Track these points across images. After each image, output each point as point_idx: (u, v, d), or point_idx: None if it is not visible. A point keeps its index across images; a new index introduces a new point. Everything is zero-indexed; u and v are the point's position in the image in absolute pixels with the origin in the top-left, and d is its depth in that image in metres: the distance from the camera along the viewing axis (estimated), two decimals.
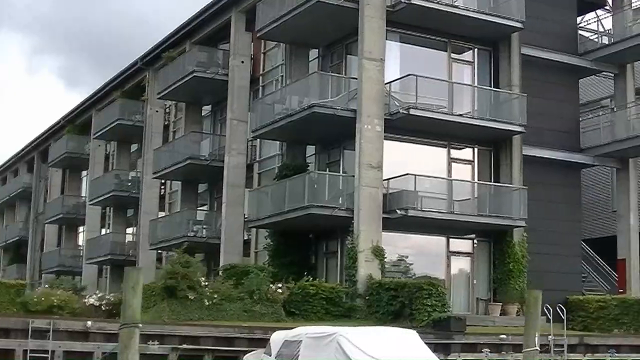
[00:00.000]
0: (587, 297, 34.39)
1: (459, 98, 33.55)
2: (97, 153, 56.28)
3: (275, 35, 35.73)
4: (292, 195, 32.17)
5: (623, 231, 36.56)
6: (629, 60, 36.62)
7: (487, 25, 33.38)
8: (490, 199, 33.14)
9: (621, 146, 35.45)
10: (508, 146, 33.75)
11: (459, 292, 33.25)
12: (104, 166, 55.98)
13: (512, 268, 32.86)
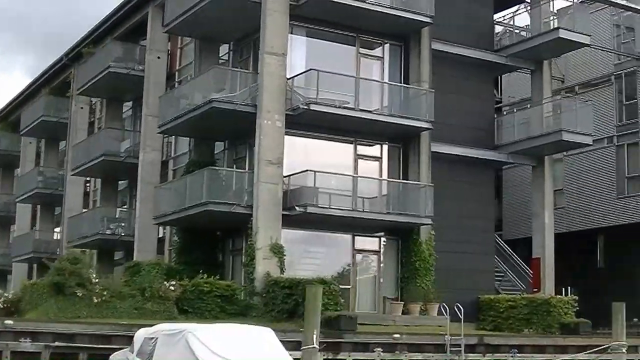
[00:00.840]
0: (497, 296, 34.37)
1: (368, 94, 33.40)
2: (28, 150, 56.05)
3: (184, 29, 35.64)
4: (193, 191, 32.02)
5: (538, 230, 36.58)
6: (546, 56, 36.63)
7: (397, 20, 33.29)
8: (397, 197, 33.06)
9: (535, 143, 35.41)
10: (417, 143, 33.65)
11: (365, 291, 33.12)
12: (35, 163, 55.65)
13: (419, 267, 32.80)
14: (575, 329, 32.32)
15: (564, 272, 45.46)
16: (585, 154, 45.44)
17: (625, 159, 44.29)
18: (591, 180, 45.31)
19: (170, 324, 21.16)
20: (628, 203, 43.78)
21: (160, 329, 19.79)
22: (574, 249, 46.12)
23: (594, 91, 45.88)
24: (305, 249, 32.82)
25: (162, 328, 19.91)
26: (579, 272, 45.91)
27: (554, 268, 44.06)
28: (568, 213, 46.05)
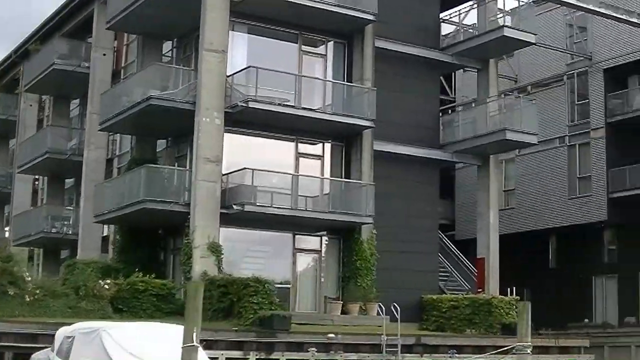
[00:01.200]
0: (440, 296, 34.40)
1: (310, 92, 33.36)
2: None
3: (126, 26, 35.58)
4: (131, 190, 31.89)
5: (483, 230, 36.65)
6: (492, 55, 36.69)
7: (340, 18, 33.25)
8: (339, 195, 32.98)
9: (480, 142, 35.48)
10: (359, 141, 33.62)
11: (305, 290, 33.05)
12: None
13: (360, 266, 32.75)
14: (515, 329, 32.20)
15: (517, 272, 45.75)
16: (538, 154, 45.71)
17: (577, 159, 44.55)
18: (543, 181, 45.56)
19: (88, 322, 21.04)
20: (579, 203, 43.97)
21: (77, 328, 19.67)
22: (526, 249, 46.46)
23: (547, 91, 46.19)
24: (246, 247, 32.74)
25: (79, 327, 19.78)
26: (531, 273, 46.21)
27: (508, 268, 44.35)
28: (520, 213, 46.29)
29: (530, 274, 46.72)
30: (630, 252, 43.46)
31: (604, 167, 43.08)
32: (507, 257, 46.02)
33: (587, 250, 45.05)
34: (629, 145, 43.04)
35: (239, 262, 32.10)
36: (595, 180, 43.41)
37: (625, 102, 43.14)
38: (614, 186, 42.84)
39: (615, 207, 42.90)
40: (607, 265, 44.59)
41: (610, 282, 44.40)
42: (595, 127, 43.67)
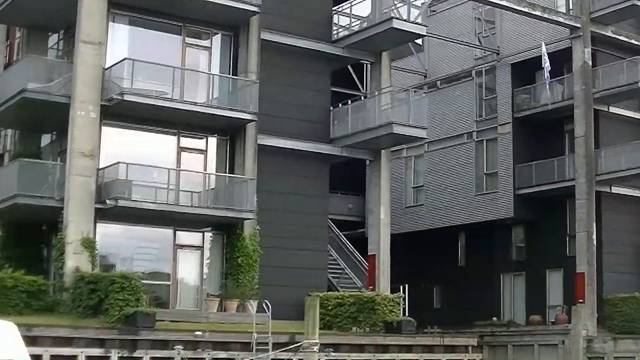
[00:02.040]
0: (327, 294, 34.31)
1: (195, 85, 33.25)
2: None
3: (11, 18, 35.21)
4: (6, 184, 31.63)
5: (374, 226, 36.60)
6: (384, 47, 36.67)
7: (224, 9, 33.09)
8: (222, 191, 32.92)
9: (368, 136, 35.46)
10: (242, 135, 33.52)
11: (187, 287, 32.91)
12: None
13: (241, 262, 32.63)
14: (398, 327, 32.39)
15: (427, 270, 46.09)
16: (447, 149, 45.95)
17: (484, 155, 44.72)
18: (452, 177, 45.79)
19: None
20: (486, 200, 44.18)
21: None
22: (436, 246, 46.62)
23: (456, 86, 46.45)
24: (124, 243, 32.52)
25: None
26: (441, 270, 46.41)
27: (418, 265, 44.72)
28: (429, 210, 46.45)
29: (440, 271, 46.93)
30: (537, 249, 43.75)
31: (511, 163, 43.20)
32: (417, 254, 46.52)
33: (496, 248, 45.31)
34: (536, 140, 43.31)
35: (116, 258, 31.93)
36: (502, 177, 43.66)
37: (532, 96, 43.31)
38: (520, 182, 43.06)
39: (522, 203, 43.19)
40: (515, 262, 44.83)
41: (518, 279, 44.62)
42: (503, 122, 43.93)
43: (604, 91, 41.31)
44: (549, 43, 42.47)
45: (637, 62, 40.93)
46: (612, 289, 41.17)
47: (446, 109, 46.56)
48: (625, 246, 42.37)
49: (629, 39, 43.06)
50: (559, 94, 42.88)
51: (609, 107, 42.19)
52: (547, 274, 43.14)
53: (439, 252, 47.07)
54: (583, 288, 39.90)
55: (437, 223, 46.18)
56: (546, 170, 42.27)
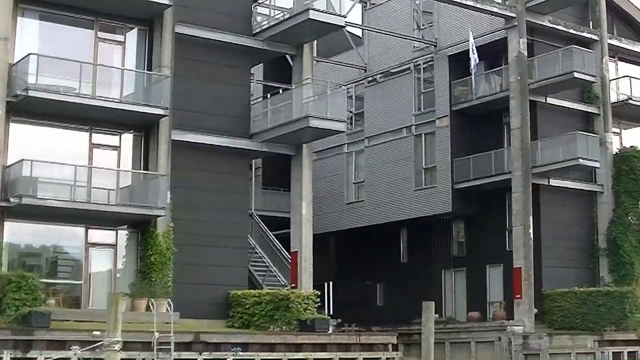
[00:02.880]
0: (245, 292, 34.10)
1: (108, 80, 33.03)
2: None
3: None
4: None
5: (296, 222, 36.36)
6: (305, 39, 36.41)
7: (136, 3, 32.92)
8: (136, 187, 32.66)
9: (286, 130, 35.21)
10: (157, 131, 33.26)
11: (100, 287, 32.61)
12: None
13: (155, 260, 32.35)
14: (311, 325, 32.13)
15: (370, 267, 45.92)
16: (386, 144, 45.74)
17: (423, 149, 44.49)
18: (392, 172, 45.57)
19: None
20: (425, 195, 43.94)
21: None
22: (378, 243, 46.42)
23: (395, 79, 46.17)
24: (34, 242, 32.31)
25: None
26: (384, 267, 46.21)
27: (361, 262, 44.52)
28: (370, 206, 46.24)
29: (383, 268, 46.73)
30: (478, 244, 43.55)
31: (449, 157, 42.95)
32: (359, 251, 46.34)
33: (437, 244, 45.05)
34: (474, 133, 43.08)
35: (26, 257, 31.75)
36: (440, 171, 43.38)
37: (470, 89, 43.02)
38: (458, 176, 42.79)
39: (461, 198, 42.95)
40: (456, 258, 44.61)
41: (459, 275, 44.38)
42: (440, 115, 43.64)
43: (539, 82, 41.01)
44: (486, 33, 42.39)
45: (572, 52, 40.47)
46: (552, 283, 40.91)
47: (386, 103, 46.35)
48: (565, 240, 42.08)
49: (567, 28, 42.89)
50: (497, 86, 42.63)
51: (546, 98, 41.90)
52: (487, 270, 42.85)
53: (382, 249, 46.87)
54: (520, 283, 39.64)
55: (378, 219, 45.94)
56: (484, 163, 42.01)
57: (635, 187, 42.88)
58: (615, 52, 45.86)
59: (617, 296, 39.38)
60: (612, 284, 41.64)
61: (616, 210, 42.93)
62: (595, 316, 39.25)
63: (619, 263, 42.32)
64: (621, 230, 42.45)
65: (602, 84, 43.58)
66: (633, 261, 42.25)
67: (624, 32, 46.70)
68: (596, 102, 43.57)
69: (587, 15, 44.82)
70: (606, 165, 43.06)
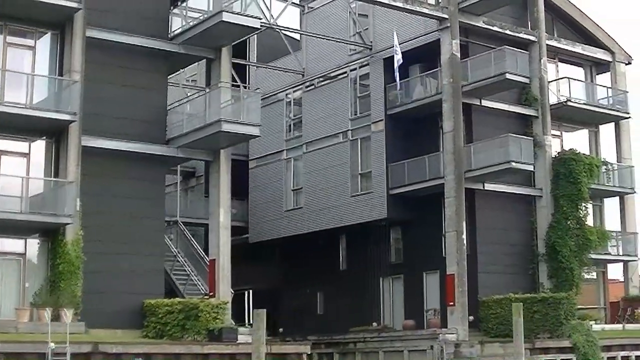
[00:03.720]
0: (158, 301, 33.58)
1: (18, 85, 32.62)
2: None
3: None
4: None
5: (214, 229, 35.84)
6: (222, 43, 35.91)
7: (46, 7, 32.43)
8: (46, 195, 32.23)
9: (200, 135, 34.71)
10: (66, 137, 32.83)
11: (8, 297, 32.13)
12: None
13: (63, 270, 31.88)
14: (219, 335, 31.65)
15: (310, 275, 45.50)
16: (324, 150, 45.35)
17: (359, 154, 44.07)
18: (329, 178, 45.15)
19: None
20: (361, 201, 43.53)
21: None
22: (318, 250, 46.01)
23: (332, 84, 45.79)
24: None
25: None
26: (325, 275, 45.80)
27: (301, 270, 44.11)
28: (309, 212, 45.82)
29: (323, 276, 46.29)
30: (414, 251, 43.13)
31: (384, 162, 42.51)
32: (300, 259, 45.96)
33: (375, 251, 44.69)
34: (410, 137, 42.66)
35: None
36: (376, 176, 42.94)
37: (405, 92, 42.62)
38: (394, 182, 42.33)
39: (396, 204, 42.49)
40: (393, 265, 44.15)
41: (397, 283, 43.93)
42: (376, 120, 43.19)
43: (473, 84, 40.60)
44: (420, 35, 41.96)
45: (505, 53, 40.06)
46: (489, 290, 40.45)
47: (324, 108, 45.96)
48: (503, 245, 41.66)
49: (503, 29, 42.52)
50: (433, 89, 42.17)
51: (481, 101, 41.48)
52: (424, 277, 42.38)
53: (322, 257, 46.45)
54: (453, 290, 39.19)
55: (316, 226, 45.50)
56: (419, 168, 41.58)
57: (574, 191, 42.44)
58: (556, 54, 45.53)
59: (552, 303, 38.92)
60: (552, 290, 41.11)
61: (555, 215, 42.49)
62: (530, 323, 38.63)
63: (558, 269, 41.90)
64: (560, 235, 42.02)
65: (541, 86, 43.22)
66: (572, 266, 41.80)
67: (565, 33, 46.35)
68: (535, 105, 43.11)
69: (526, 16, 44.39)
70: (545, 169, 42.70)
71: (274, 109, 48.47)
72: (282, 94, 48.04)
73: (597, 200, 46.21)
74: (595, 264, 44.99)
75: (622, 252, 45.88)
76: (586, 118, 45.67)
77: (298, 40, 48.29)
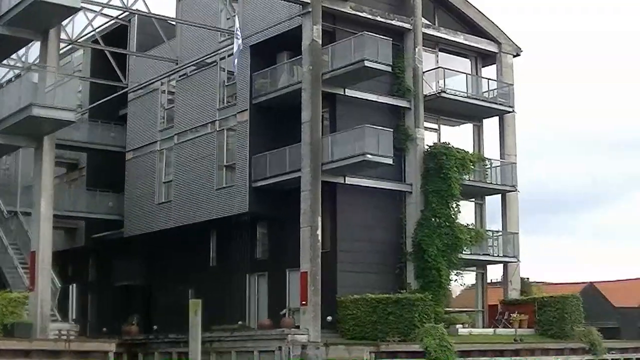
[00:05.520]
0: None
1: None
2: None
3: None
4: None
5: (35, 220, 32.87)
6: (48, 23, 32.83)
7: None
8: None
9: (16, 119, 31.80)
10: None
11: None
12: None
13: None
14: (11, 330, 28.68)
15: (181, 270, 42.67)
16: (193, 140, 42.48)
17: (225, 146, 41.00)
18: (198, 170, 42.23)
19: None
20: (225, 194, 40.46)
21: None
22: (189, 245, 43.14)
23: (204, 72, 42.78)
24: None
25: None
26: (195, 270, 42.94)
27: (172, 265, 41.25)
28: (179, 205, 42.89)
29: (195, 272, 43.28)
30: (278, 247, 40.07)
31: (247, 154, 39.38)
32: (172, 254, 43.12)
33: (242, 247, 41.57)
34: (274, 128, 39.49)
35: None
36: (239, 169, 39.82)
37: (271, 80, 39.49)
38: (256, 174, 39.18)
39: (259, 197, 39.34)
40: (259, 262, 41.11)
41: (262, 280, 40.79)
42: (241, 109, 40.07)
43: (333, 72, 37.37)
44: (284, 20, 38.74)
45: (365, 39, 36.74)
46: (348, 290, 37.27)
47: (195, 98, 42.91)
48: (367, 243, 38.51)
49: (373, 15, 39.31)
50: (300, 77, 38.90)
51: (345, 90, 38.20)
52: (287, 274, 39.10)
53: (193, 252, 43.45)
54: (306, 289, 36.02)
55: (184, 220, 42.42)
56: (281, 160, 38.41)
57: (443, 186, 39.22)
58: (436, 43, 42.28)
59: (406, 304, 35.68)
60: (418, 291, 37.87)
61: (424, 212, 39.23)
62: (384, 325, 35.65)
63: (425, 268, 38.68)
64: (427, 233, 38.84)
65: (415, 76, 39.97)
66: (439, 266, 38.59)
67: (449, 22, 43.04)
68: (408, 96, 39.90)
69: (407, 3, 41.01)
70: (415, 163, 39.55)
71: (150, 99, 45.48)
72: (158, 84, 44.90)
73: (479, 199, 42.87)
74: (472, 265, 41.70)
75: (502, 253, 42.43)
76: (469, 111, 42.32)
77: (174, 25, 45.04)
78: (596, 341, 39.48)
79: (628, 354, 41.16)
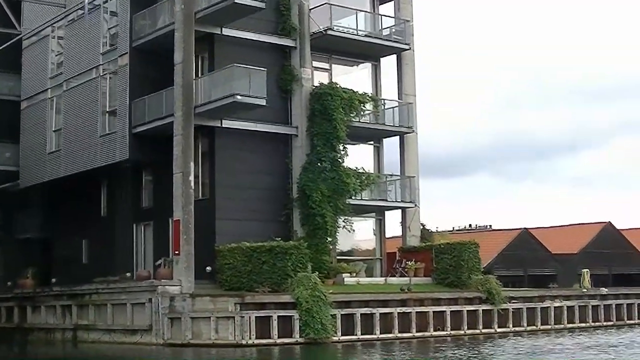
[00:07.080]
0: None
1: None
2: None
3: None
4: None
5: None
6: None
7: None
8: None
9: None
10: None
11: None
12: None
13: None
14: None
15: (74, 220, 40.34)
16: (80, 87, 39.67)
17: (107, 91, 38.10)
18: (84, 117, 39.38)
19: None
20: (107, 141, 37.74)
21: None
22: (81, 196, 40.55)
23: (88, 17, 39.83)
24: None
25: None
26: (87, 222, 40.34)
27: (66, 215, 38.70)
28: (67, 154, 40.12)
29: (87, 222, 40.73)
30: (162, 195, 37.18)
31: (127, 99, 36.54)
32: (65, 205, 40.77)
33: (129, 196, 38.86)
34: (154, 71, 36.55)
35: None
36: (120, 114, 37.00)
37: (150, 22, 36.52)
38: (136, 120, 36.36)
39: (139, 143, 36.66)
40: (145, 211, 38.47)
41: (148, 229, 38.16)
42: (122, 53, 37.14)
43: (205, 9, 34.35)
44: None
45: None
46: (228, 238, 34.53)
47: (82, 43, 39.98)
48: (249, 189, 35.85)
49: None
50: None
51: (222, 29, 35.21)
52: (170, 223, 36.28)
53: (85, 202, 40.86)
54: (179, 238, 33.34)
55: (73, 169, 39.69)
56: (158, 105, 35.56)
57: (329, 128, 36.37)
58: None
59: (279, 253, 32.82)
60: (304, 239, 35.09)
61: (309, 155, 36.34)
62: (258, 275, 32.86)
63: (309, 215, 35.87)
64: (311, 177, 36.08)
65: (300, 14, 36.89)
66: (324, 212, 35.79)
67: None
68: (294, 35, 36.85)
69: None
70: (301, 105, 36.66)
71: (41, 46, 42.62)
72: (49, 30, 41.97)
73: (376, 141, 39.84)
74: (370, 211, 38.81)
75: (400, 198, 39.35)
76: (364, 50, 39.16)
77: None
78: (494, 290, 36.10)
79: (533, 303, 37.75)
